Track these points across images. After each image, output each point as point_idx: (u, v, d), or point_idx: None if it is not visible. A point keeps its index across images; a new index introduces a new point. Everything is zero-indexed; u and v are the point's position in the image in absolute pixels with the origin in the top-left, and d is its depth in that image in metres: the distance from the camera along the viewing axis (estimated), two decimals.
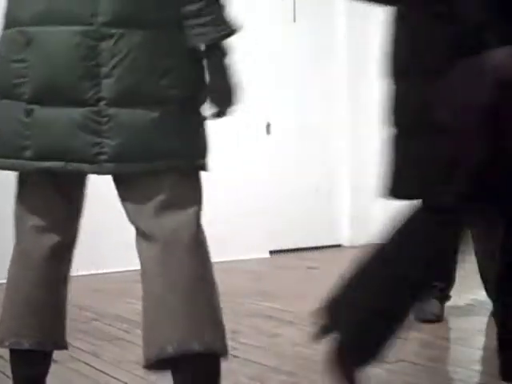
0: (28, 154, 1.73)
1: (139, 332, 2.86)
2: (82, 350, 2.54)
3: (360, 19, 6.02)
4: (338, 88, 6.00)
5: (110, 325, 2.96)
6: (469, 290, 3.48)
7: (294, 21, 5.70)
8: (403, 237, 1.95)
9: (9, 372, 2.27)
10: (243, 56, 5.18)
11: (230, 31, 1.72)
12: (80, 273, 4.45)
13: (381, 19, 6.55)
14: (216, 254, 5.48)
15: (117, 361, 2.39)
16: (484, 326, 2.91)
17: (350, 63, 5.98)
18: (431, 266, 1.99)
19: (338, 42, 6.00)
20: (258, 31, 5.29)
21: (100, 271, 4.37)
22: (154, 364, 1.71)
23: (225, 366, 2.36)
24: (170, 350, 1.64)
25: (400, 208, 1.86)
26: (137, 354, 2.50)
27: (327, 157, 5.96)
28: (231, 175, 5.11)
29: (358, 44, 6.02)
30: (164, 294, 1.70)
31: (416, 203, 1.94)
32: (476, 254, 2.96)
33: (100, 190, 4.41)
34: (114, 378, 2.18)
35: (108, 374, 2.22)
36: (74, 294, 3.75)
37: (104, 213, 4.52)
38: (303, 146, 5.77)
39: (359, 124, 6.03)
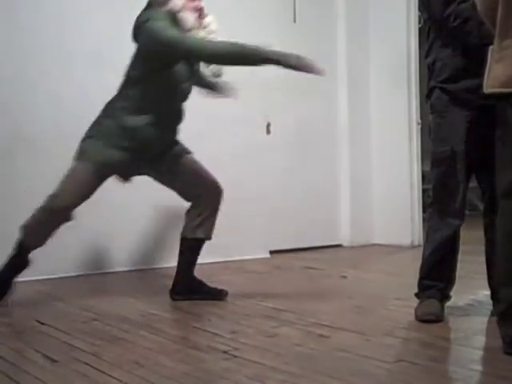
0: None
1: (140, 332, 2.87)
2: (83, 350, 2.54)
3: (360, 19, 6.02)
4: (338, 88, 5.99)
5: (110, 325, 2.96)
6: (469, 290, 3.48)
7: (294, 21, 5.69)
8: None
9: (10, 373, 2.28)
10: None
11: None
12: (80, 273, 4.45)
13: (380, 20, 6.54)
14: (216, 254, 5.48)
15: (117, 361, 2.38)
16: (484, 326, 2.90)
17: (350, 63, 5.98)
18: None
19: (338, 42, 5.99)
20: (258, 31, 5.29)
21: (100, 271, 4.37)
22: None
23: (225, 365, 2.36)
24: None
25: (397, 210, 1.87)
26: (137, 353, 2.50)
27: (327, 157, 5.95)
28: (231, 175, 5.11)
29: (358, 44, 6.02)
30: None
31: None
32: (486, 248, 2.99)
33: (107, 194, 4.44)
34: (115, 379, 2.18)
35: (108, 375, 2.22)
36: (74, 294, 3.77)
37: (107, 214, 4.52)
38: (303, 146, 5.77)
39: (359, 124, 6.03)
